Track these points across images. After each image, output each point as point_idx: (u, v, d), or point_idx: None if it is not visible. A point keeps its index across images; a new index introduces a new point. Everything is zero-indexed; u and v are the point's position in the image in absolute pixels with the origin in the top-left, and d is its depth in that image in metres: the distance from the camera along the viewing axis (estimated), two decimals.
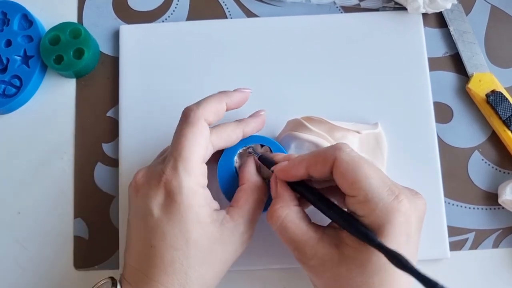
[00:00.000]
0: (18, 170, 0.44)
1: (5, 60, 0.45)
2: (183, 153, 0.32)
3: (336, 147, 0.31)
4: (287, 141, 0.40)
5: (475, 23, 0.46)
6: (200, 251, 0.32)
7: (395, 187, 0.30)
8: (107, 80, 0.45)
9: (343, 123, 0.40)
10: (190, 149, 0.32)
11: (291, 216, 0.32)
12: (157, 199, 0.32)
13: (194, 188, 0.32)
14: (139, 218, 0.33)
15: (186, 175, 0.32)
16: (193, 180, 0.32)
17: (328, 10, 0.46)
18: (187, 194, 0.32)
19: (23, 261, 0.42)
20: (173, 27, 0.46)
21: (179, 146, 0.33)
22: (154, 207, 0.32)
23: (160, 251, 0.31)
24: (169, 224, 0.32)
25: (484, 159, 0.43)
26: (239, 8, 0.47)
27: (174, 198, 0.32)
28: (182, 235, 0.31)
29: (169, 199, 0.32)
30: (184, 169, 0.32)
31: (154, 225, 0.32)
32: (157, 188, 0.32)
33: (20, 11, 0.46)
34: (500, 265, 0.41)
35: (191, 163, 0.32)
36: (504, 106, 0.42)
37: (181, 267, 0.31)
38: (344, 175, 0.30)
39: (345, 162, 0.30)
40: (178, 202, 0.32)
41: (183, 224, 0.31)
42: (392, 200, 0.29)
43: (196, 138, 0.33)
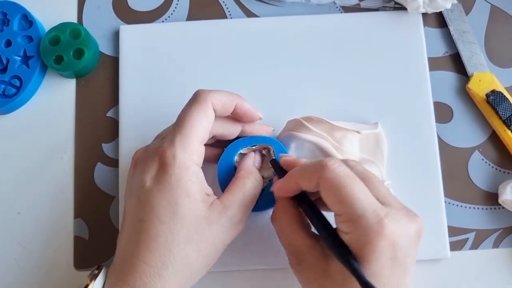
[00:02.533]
0: (18, 170, 0.44)
1: (5, 60, 0.45)
2: (183, 129, 0.33)
3: (321, 164, 0.31)
4: (287, 141, 0.40)
5: (475, 23, 0.46)
6: (186, 227, 0.31)
7: (381, 209, 0.29)
8: (107, 80, 0.45)
9: (343, 123, 0.40)
10: (191, 126, 0.33)
11: (290, 220, 0.33)
12: (151, 171, 0.32)
13: (187, 163, 0.32)
14: (132, 194, 0.33)
15: (182, 148, 0.32)
16: (188, 156, 0.32)
17: (328, 10, 0.46)
18: (180, 166, 0.32)
19: (23, 261, 0.42)
20: (173, 27, 0.46)
21: (180, 122, 0.33)
22: (147, 179, 0.32)
23: (147, 225, 0.31)
24: (158, 195, 0.31)
25: (484, 159, 0.43)
26: (239, 8, 0.47)
27: (166, 169, 0.31)
28: (169, 207, 0.31)
29: (162, 170, 0.32)
30: (181, 143, 0.32)
31: (144, 198, 0.32)
32: (153, 161, 0.32)
33: (20, 11, 0.46)
34: (500, 265, 0.41)
35: (190, 139, 0.32)
36: (504, 106, 0.42)
37: (165, 243, 0.31)
38: (328, 193, 0.30)
39: (330, 180, 0.30)
40: (170, 173, 0.31)
41: (172, 195, 0.31)
42: (375, 222, 0.28)
43: (199, 117, 0.33)
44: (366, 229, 0.28)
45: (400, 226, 0.29)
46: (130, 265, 0.31)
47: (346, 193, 0.29)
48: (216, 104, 0.34)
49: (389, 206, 0.29)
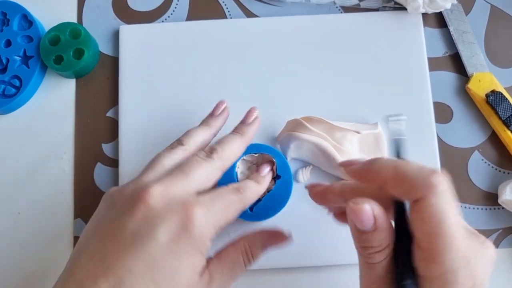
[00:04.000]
0: (18, 170, 0.44)
1: (5, 60, 0.45)
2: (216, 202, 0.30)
3: (430, 181, 0.25)
4: (287, 141, 0.40)
5: (475, 23, 0.46)
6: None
7: (470, 249, 0.26)
8: (107, 80, 0.45)
9: (343, 123, 0.40)
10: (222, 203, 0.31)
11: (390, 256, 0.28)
12: (170, 224, 0.28)
13: (206, 242, 0.29)
14: (131, 237, 0.27)
15: (211, 226, 0.29)
16: (212, 231, 0.29)
17: (328, 10, 0.46)
18: (203, 233, 0.29)
19: (23, 261, 0.42)
20: (173, 27, 0.46)
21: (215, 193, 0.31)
22: (162, 232, 0.27)
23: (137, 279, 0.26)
24: (167, 255, 0.27)
25: (484, 159, 0.43)
26: (239, 8, 0.47)
27: (190, 232, 0.28)
28: (171, 272, 0.27)
29: (185, 231, 0.28)
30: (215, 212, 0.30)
31: (148, 251, 0.27)
32: (175, 216, 0.28)
33: (20, 11, 0.46)
34: (500, 265, 0.41)
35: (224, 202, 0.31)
36: (504, 106, 0.42)
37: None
38: (423, 222, 0.26)
39: (433, 208, 0.25)
40: (192, 237, 0.28)
41: (180, 263, 0.27)
42: (463, 266, 0.25)
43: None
44: (455, 272, 0.25)
45: (481, 261, 0.26)
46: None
47: (445, 231, 0.25)
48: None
49: (475, 239, 0.27)
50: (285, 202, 0.38)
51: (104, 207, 0.31)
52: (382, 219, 0.27)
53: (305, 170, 0.41)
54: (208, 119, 0.38)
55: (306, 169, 0.41)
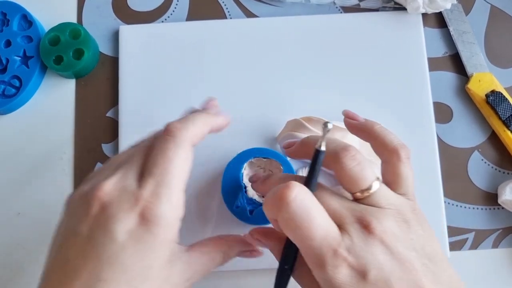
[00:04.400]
0: (17, 171, 0.44)
1: (4, 61, 0.44)
2: (167, 178, 0.28)
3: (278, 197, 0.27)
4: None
5: (475, 23, 0.46)
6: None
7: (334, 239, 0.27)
8: (107, 80, 0.45)
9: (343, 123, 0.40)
10: (176, 175, 0.28)
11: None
12: (126, 224, 0.27)
13: (173, 222, 0.28)
14: (90, 242, 0.27)
15: (169, 205, 0.28)
16: (174, 212, 0.28)
17: (328, 10, 0.46)
18: (165, 227, 0.27)
19: (22, 262, 0.42)
20: (173, 27, 0.46)
21: (163, 169, 0.28)
22: (120, 232, 0.27)
23: (110, 286, 0.26)
24: (134, 255, 0.26)
25: (484, 159, 0.43)
26: (239, 8, 0.47)
27: (150, 228, 0.27)
28: (143, 271, 0.27)
29: (143, 227, 0.27)
30: (167, 198, 0.28)
31: (111, 254, 0.26)
32: (130, 212, 0.27)
33: (19, 11, 0.46)
34: (500, 265, 0.41)
35: (176, 192, 0.28)
36: (504, 106, 0.42)
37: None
38: (288, 232, 0.28)
39: (287, 221, 0.27)
40: (153, 233, 0.27)
41: (150, 259, 0.27)
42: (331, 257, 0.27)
43: (183, 164, 0.29)
44: (324, 266, 0.27)
45: (357, 246, 0.27)
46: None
47: (303, 234, 0.27)
48: (194, 141, 0.31)
49: (344, 230, 0.27)
50: None
51: (62, 215, 0.30)
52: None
53: (305, 170, 0.41)
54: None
55: (306, 169, 0.41)
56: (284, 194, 0.27)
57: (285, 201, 0.27)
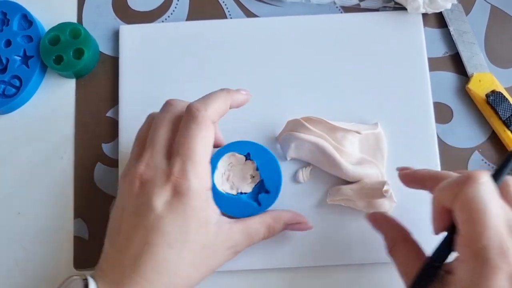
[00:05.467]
0: (18, 170, 0.44)
1: (4, 60, 0.45)
2: (192, 155, 0.32)
3: (470, 173, 0.29)
4: (287, 141, 0.40)
5: (475, 23, 0.46)
6: (193, 253, 0.32)
7: (508, 241, 0.27)
8: (107, 80, 0.45)
9: (343, 123, 0.40)
10: (199, 152, 0.33)
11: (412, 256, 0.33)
12: (162, 197, 0.32)
13: (200, 192, 0.33)
14: (136, 214, 0.33)
15: (195, 178, 0.32)
16: (201, 184, 0.33)
17: (328, 10, 0.46)
18: (194, 197, 0.32)
19: (23, 261, 0.42)
20: (173, 27, 0.46)
21: (188, 148, 0.33)
22: (158, 204, 0.32)
23: (156, 249, 0.31)
24: (171, 223, 0.32)
25: (484, 159, 0.43)
26: (239, 8, 0.47)
27: (182, 200, 0.32)
28: (181, 234, 0.32)
29: (176, 199, 0.32)
30: (194, 172, 0.32)
31: (153, 223, 0.32)
32: (164, 187, 0.32)
33: (19, 11, 0.46)
34: None
35: (200, 166, 0.33)
36: (504, 106, 0.42)
37: (172, 266, 0.32)
38: (463, 210, 0.28)
39: (470, 199, 0.28)
40: (185, 203, 0.32)
41: (186, 223, 0.32)
42: (496, 255, 0.26)
43: (205, 141, 0.33)
44: (486, 261, 0.26)
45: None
46: (131, 280, 0.31)
47: (480, 217, 0.27)
48: (215, 118, 0.34)
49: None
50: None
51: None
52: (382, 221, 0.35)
53: (305, 170, 0.41)
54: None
55: (306, 169, 0.41)
56: (477, 175, 0.28)
57: (476, 181, 0.28)
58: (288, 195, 0.40)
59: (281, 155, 0.42)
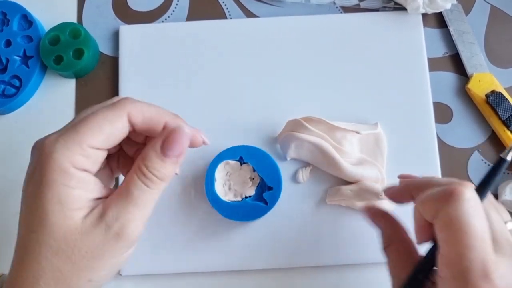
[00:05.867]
0: (18, 170, 0.43)
1: (4, 60, 0.44)
2: (78, 127, 0.27)
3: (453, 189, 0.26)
4: (287, 141, 0.40)
5: (474, 23, 0.46)
6: (54, 238, 0.27)
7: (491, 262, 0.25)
8: (107, 80, 0.45)
9: (343, 124, 0.40)
10: (89, 127, 0.27)
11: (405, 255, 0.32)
12: (29, 167, 0.28)
13: (65, 165, 0.27)
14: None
15: (65, 147, 0.27)
16: (69, 157, 0.27)
17: (328, 10, 0.46)
18: (54, 168, 0.26)
19: None
20: (173, 27, 0.46)
21: (80, 120, 0.28)
22: (25, 176, 0.28)
23: (20, 232, 0.28)
24: (29, 199, 0.28)
25: (484, 159, 0.43)
26: (239, 8, 0.47)
27: (41, 169, 0.27)
28: (38, 214, 0.27)
29: (37, 168, 0.27)
30: (65, 141, 0.27)
31: (21, 200, 0.29)
32: (33, 155, 0.28)
33: (19, 11, 0.46)
34: None
35: (80, 140, 0.27)
36: (504, 107, 0.42)
37: (34, 254, 0.27)
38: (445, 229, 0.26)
39: (454, 217, 0.26)
40: (42, 174, 0.27)
41: (42, 201, 0.27)
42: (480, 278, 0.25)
43: (103, 122, 0.28)
44: (468, 283, 0.25)
45: (507, 281, 0.25)
46: (12, 278, 0.28)
47: (462, 237, 0.25)
48: (136, 116, 0.28)
49: (501, 254, 0.26)
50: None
51: None
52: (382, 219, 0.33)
53: (304, 170, 0.41)
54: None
55: (306, 169, 0.41)
56: (460, 191, 0.26)
57: (459, 198, 0.26)
58: (288, 195, 0.40)
59: (281, 155, 0.42)
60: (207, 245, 0.40)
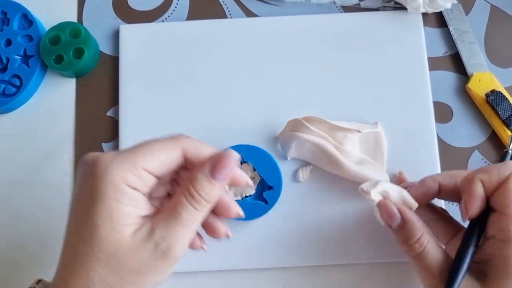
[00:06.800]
0: (17, 170, 0.44)
1: (5, 60, 0.44)
2: (135, 150, 0.29)
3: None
4: (288, 141, 0.40)
5: (475, 23, 0.46)
6: (103, 251, 0.27)
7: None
8: (107, 80, 0.45)
9: (343, 123, 0.40)
10: (144, 152, 0.29)
11: (431, 243, 0.32)
12: (80, 178, 0.29)
13: (117, 181, 0.28)
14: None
15: (120, 165, 0.28)
16: (123, 175, 0.28)
17: (328, 10, 0.46)
18: (107, 182, 0.27)
19: (22, 261, 0.41)
20: (173, 27, 0.46)
21: (137, 145, 0.29)
22: (76, 186, 0.29)
23: (69, 241, 0.29)
24: (80, 210, 0.28)
25: (484, 159, 0.43)
26: (239, 8, 0.47)
27: (94, 182, 0.28)
28: (89, 226, 0.28)
29: (89, 181, 0.28)
30: (122, 160, 0.28)
31: (70, 207, 0.29)
32: (87, 166, 0.29)
33: (20, 10, 0.46)
34: None
35: (135, 163, 0.28)
36: (504, 106, 0.42)
37: (83, 264, 0.28)
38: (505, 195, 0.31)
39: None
40: (95, 187, 0.28)
41: (93, 214, 0.27)
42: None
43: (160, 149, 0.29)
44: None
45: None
46: (59, 285, 0.28)
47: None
48: (190, 150, 0.30)
49: None
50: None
51: None
52: (407, 212, 0.33)
53: (305, 169, 0.41)
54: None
55: (306, 168, 0.41)
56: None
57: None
58: (288, 195, 0.40)
59: (281, 154, 0.42)
60: (207, 244, 0.40)
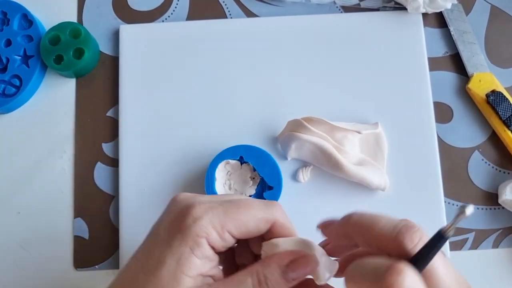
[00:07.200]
0: (17, 170, 0.44)
1: (5, 60, 0.44)
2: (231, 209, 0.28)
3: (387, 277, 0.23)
4: (288, 142, 0.40)
5: (475, 23, 0.46)
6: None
7: None
8: (107, 80, 0.45)
9: (343, 124, 0.40)
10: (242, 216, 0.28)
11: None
12: (170, 214, 0.29)
13: (201, 235, 0.28)
14: (151, 231, 0.30)
15: (209, 221, 0.28)
16: (209, 232, 0.28)
17: (328, 10, 0.46)
18: (191, 232, 0.28)
19: (22, 261, 0.41)
20: (173, 27, 0.46)
21: (235, 201, 0.29)
22: (163, 224, 0.29)
23: (138, 256, 0.28)
24: (156, 238, 0.28)
25: (484, 159, 0.43)
26: (239, 8, 0.47)
27: (180, 226, 0.28)
28: (153, 261, 0.28)
29: (176, 222, 0.28)
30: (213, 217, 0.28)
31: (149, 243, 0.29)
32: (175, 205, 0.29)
33: (20, 10, 0.46)
34: (500, 265, 0.41)
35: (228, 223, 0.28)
36: (504, 106, 0.42)
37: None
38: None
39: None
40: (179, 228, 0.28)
41: (162, 249, 0.28)
42: None
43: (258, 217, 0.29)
44: None
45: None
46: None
47: None
48: (279, 224, 0.30)
49: None
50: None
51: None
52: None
53: (305, 170, 0.41)
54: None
55: (306, 169, 0.41)
56: (395, 283, 0.22)
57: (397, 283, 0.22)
58: (288, 195, 0.40)
59: (281, 154, 0.42)
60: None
